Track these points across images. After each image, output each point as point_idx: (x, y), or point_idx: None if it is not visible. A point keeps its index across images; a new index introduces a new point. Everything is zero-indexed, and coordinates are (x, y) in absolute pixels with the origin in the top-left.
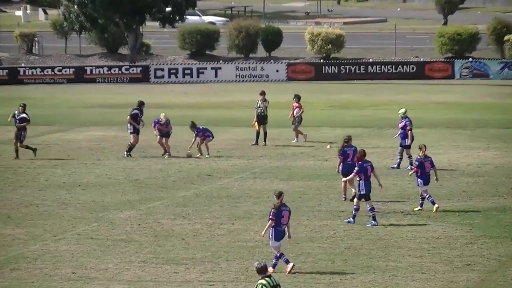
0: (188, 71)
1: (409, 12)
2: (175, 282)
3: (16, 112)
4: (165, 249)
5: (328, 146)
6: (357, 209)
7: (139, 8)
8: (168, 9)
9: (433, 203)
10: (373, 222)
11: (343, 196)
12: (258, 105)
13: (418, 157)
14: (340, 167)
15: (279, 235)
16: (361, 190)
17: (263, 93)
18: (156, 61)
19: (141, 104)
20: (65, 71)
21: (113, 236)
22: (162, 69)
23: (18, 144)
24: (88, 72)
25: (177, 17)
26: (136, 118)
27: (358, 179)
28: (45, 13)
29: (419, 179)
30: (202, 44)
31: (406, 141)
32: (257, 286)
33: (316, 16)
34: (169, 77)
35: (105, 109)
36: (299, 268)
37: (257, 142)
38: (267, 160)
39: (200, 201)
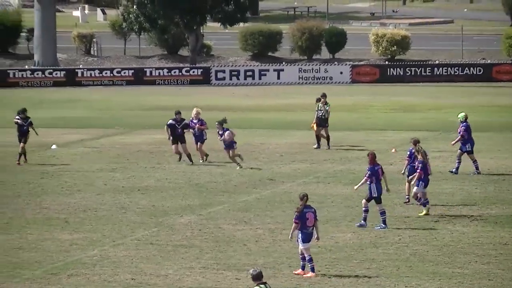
0: (250, 73)
1: (476, 13)
2: None
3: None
4: (226, 255)
5: (393, 150)
6: (366, 211)
7: (200, 8)
8: (229, 9)
9: (424, 205)
10: (382, 225)
11: (406, 196)
12: (319, 108)
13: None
14: (407, 170)
15: (306, 238)
16: (373, 193)
17: (324, 96)
18: (217, 62)
19: (176, 113)
20: (124, 73)
21: (173, 242)
22: (223, 71)
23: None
24: (148, 74)
25: (239, 18)
26: (172, 128)
27: (369, 182)
28: (104, 13)
29: (420, 182)
30: (264, 45)
31: (467, 146)
32: None
33: (381, 17)
34: (231, 79)
35: (165, 111)
36: (363, 274)
37: (319, 146)
38: (330, 164)
39: (262, 206)
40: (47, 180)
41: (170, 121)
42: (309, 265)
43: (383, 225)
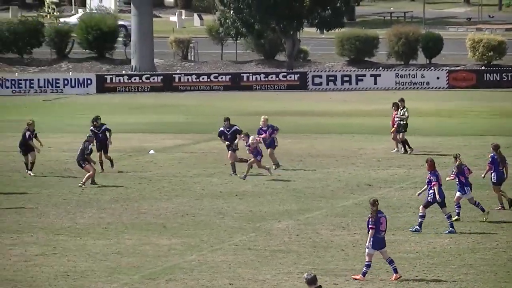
0: (347, 78)
1: None
2: None
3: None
4: (324, 260)
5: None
6: (423, 216)
7: (297, 13)
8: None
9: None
10: (451, 229)
11: (500, 205)
12: (402, 114)
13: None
14: (493, 175)
15: (376, 243)
16: (437, 198)
17: (402, 101)
18: (313, 67)
19: (225, 120)
20: (221, 78)
21: (271, 247)
22: (320, 76)
23: (103, 156)
24: (245, 79)
25: (336, 23)
26: (223, 136)
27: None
28: (201, 18)
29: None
30: (360, 51)
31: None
32: None
33: (477, 22)
34: (327, 84)
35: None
36: (461, 280)
37: (405, 151)
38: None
39: (359, 211)
40: (145, 185)
41: (221, 129)
42: (364, 268)
43: (451, 229)
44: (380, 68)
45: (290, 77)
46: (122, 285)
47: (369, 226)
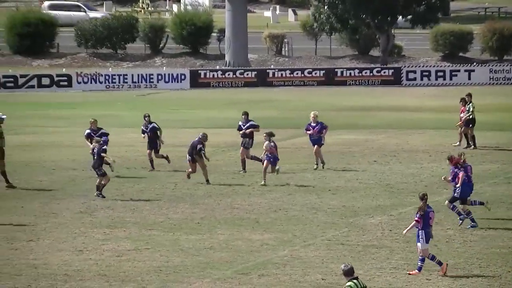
0: (441, 74)
1: None
2: None
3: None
4: (417, 256)
5: None
6: (469, 213)
7: (391, 9)
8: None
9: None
10: (472, 223)
11: None
12: (468, 109)
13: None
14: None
15: (428, 237)
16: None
17: (469, 96)
18: (408, 63)
19: (243, 114)
20: (315, 73)
21: (364, 242)
22: (414, 71)
23: (153, 154)
24: (339, 74)
25: (430, 18)
26: (239, 130)
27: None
28: (295, 13)
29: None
30: (455, 46)
31: None
32: None
33: None
34: (421, 79)
35: (355, 112)
36: None
37: (469, 145)
38: None
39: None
40: (238, 180)
41: (239, 123)
42: (419, 263)
43: (472, 223)
44: (474, 64)
45: (384, 73)
46: (215, 280)
47: (416, 218)
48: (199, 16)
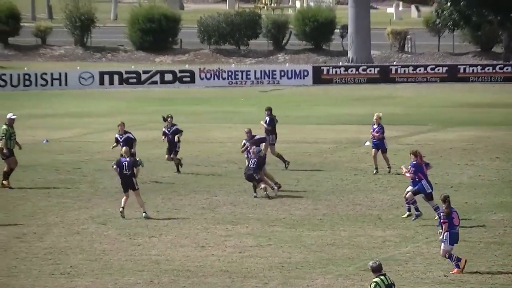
0: None
1: None
2: None
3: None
4: None
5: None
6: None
7: None
8: None
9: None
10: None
11: None
12: None
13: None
14: None
15: (453, 238)
16: (427, 189)
17: None
18: None
19: (266, 109)
20: (438, 70)
21: (486, 239)
22: None
23: (173, 157)
24: (461, 70)
25: None
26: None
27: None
28: (418, 10)
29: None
30: None
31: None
32: (371, 284)
33: None
34: None
35: (478, 108)
36: None
37: None
38: None
39: None
40: (360, 176)
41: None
42: (453, 263)
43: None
44: None
45: (507, 69)
46: (337, 277)
47: (441, 221)
48: (322, 12)
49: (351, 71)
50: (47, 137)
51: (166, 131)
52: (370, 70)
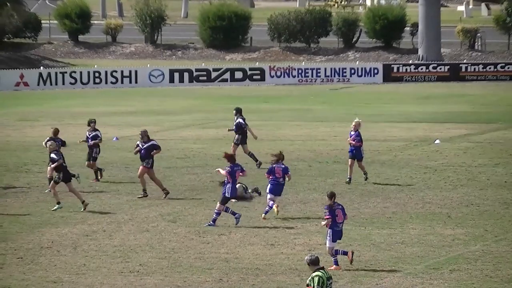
0: None
1: None
2: None
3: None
4: None
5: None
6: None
7: None
8: None
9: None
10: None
11: None
12: None
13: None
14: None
15: (336, 235)
16: (227, 193)
17: None
18: None
19: (236, 110)
20: (508, 68)
21: None
22: None
23: (91, 164)
24: None
25: None
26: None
27: (226, 181)
28: (488, 8)
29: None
30: None
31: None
32: (313, 278)
33: None
34: None
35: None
36: None
37: None
38: None
39: None
40: (430, 174)
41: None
42: (333, 258)
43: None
44: None
45: None
46: (406, 275)
47: (326, 217)
48: (392, 10)
49: (421, 69)
50: (117, 135)
51: (87, 135)
52: (440, 68)
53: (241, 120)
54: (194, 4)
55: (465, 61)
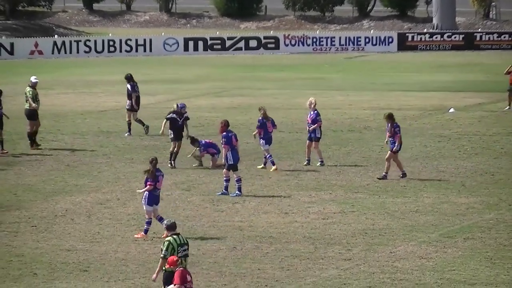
0: None
1: None
2: None
3: None
4: None
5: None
6: (227, 180)
7: None
8: None
9: (273, 163)
10: (238, 192)
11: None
12: None
13: (260, 118)
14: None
15: (152, 200)
16: (229, 160)
17: None
18: None
19: (127, 78)
20: None
21: None
22: None
23: None
24: None
25: None
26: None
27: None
28: None
29: (261, 140)
30: None
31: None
32: (164, 243)
33: None
34: None
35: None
36: None
37: None
38: None
39: None
40: (444, 143)
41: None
42: (145, 226)
43: (238, 193)
44: None
45: None
46: (420, 243)
47: (148, 183)
48: None
49: (436, 37)
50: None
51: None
52: (455, 37)
53: (129, 87)
54: None
55: (479, 30)
